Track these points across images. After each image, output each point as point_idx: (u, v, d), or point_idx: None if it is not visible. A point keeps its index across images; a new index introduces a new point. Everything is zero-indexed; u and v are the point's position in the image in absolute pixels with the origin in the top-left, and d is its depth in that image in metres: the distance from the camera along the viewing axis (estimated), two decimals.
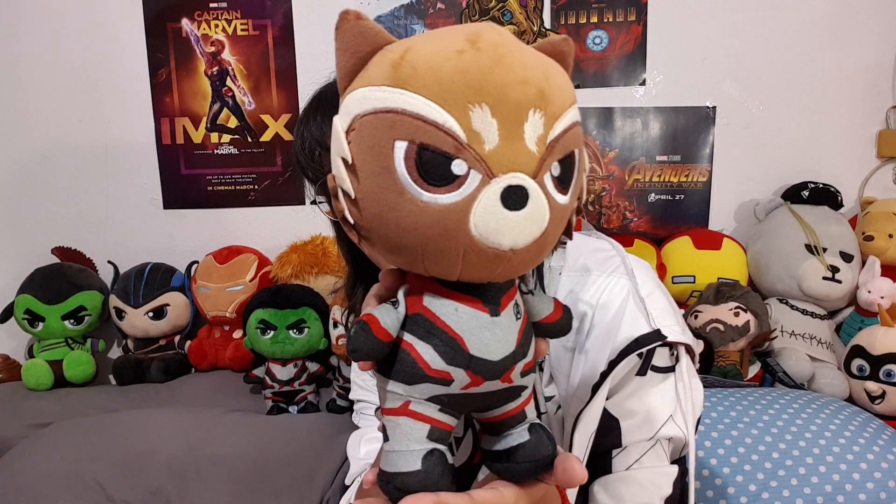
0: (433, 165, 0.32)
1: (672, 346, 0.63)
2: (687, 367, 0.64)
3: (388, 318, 0.36)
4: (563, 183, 0.35)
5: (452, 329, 0.37)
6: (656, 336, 0.60)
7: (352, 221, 0.36)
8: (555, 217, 0.35)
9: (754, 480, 1.03)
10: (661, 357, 0.63)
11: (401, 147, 0.33)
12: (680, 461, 0.65)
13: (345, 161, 0.35)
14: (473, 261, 0.34)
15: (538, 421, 0.42)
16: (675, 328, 0.62)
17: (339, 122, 0.35)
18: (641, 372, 0.62)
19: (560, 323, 0.42)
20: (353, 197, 0.35)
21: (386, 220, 0.34)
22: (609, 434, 0.62)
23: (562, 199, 0.35)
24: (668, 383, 0.63)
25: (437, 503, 0.36)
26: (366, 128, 0.34)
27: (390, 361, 0.37)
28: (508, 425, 0.40)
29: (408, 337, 0.37)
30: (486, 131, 0.33)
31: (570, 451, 0.61)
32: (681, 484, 0.64)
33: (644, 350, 0.60)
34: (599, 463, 0.64)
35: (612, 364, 0.60)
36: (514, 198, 0.33)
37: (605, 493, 0.63)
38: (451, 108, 0.32)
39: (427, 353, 0.36)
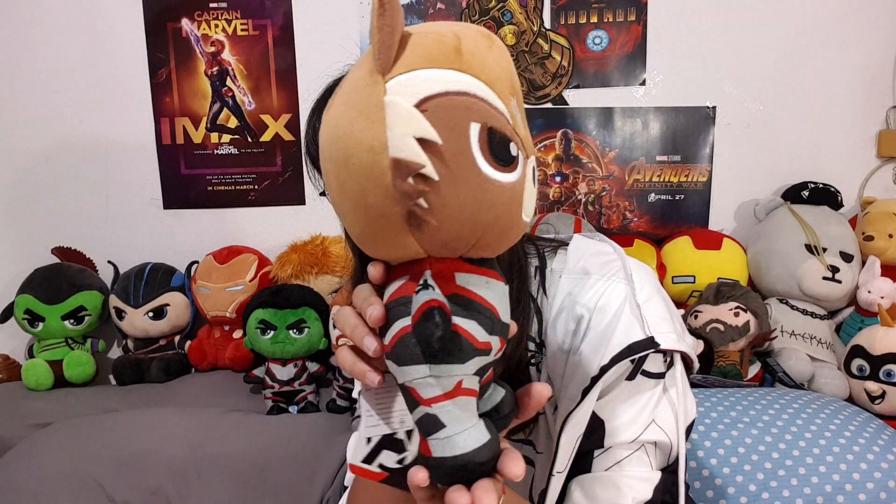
0: (501, 147, 0.35)
1: (666, 352, 0.63)
2: (680, 373, 0.64)
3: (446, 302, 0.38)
4: None
5: (488, 301, 0.38)
6: (650, 343, 0.60)
7: (425, 206, 0.34)
8: None
9: (754, 480, 1.03)
10: (654, 363, 0.63)
11: (475, 129, 0.34)
12: (671, 468, 0.64)
13: (424, 142, 0.34)
14: (515, 233, 0.38)
15: None
16: (670, 335, 0.61)
17: (403, 101, 0.34)
18: (631, 376, 0.62)
19: None
20: (434, 179, 0.34)
21: (465, 200, 0.35)
22: (593, 434, 0.62)
23: None
24: (658, 388, 0.63)
25: (519, 456, 0.39)
26: (441, 108, 0.34)
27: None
28: (488, 385, 0.42)
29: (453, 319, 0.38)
30: (518, 118, 0.37)
31: (557, 451, 0.61)
32: (673, 490, 0.64)
33: (637, 356, 0.60)
34: (581, 462, 0.63)
35: (604, 369, 0.60)
36: (534, 175, 0.38)
37: (581, 491, 0.63)
38: (502, 96, 0.36)
39: (472, 328, 0.38)
